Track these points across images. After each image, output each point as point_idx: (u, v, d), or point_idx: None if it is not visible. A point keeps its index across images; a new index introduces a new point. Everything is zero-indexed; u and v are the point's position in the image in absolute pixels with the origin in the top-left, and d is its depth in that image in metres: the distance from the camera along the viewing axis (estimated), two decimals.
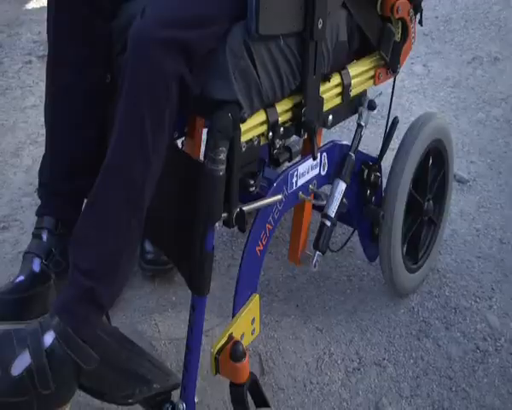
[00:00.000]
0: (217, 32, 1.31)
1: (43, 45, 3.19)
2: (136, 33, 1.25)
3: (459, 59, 3.10)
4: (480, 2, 3.59)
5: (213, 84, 1.32)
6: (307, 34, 1.40)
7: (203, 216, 1.32)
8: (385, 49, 1.65)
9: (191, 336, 1.38)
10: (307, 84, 1.44)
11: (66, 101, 1.53)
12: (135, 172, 1.27)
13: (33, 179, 2.37)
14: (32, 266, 1.46)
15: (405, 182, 1.77)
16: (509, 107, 2.76)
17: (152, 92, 1.25)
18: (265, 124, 1.40)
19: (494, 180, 2.40)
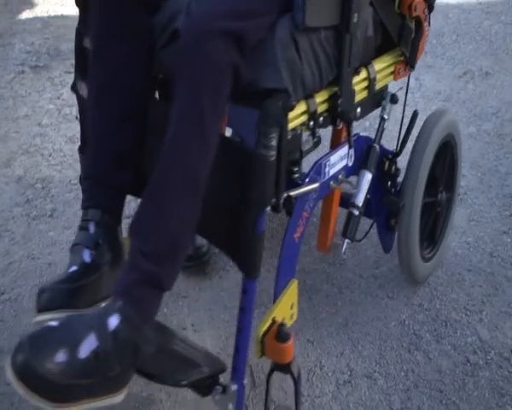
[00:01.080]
0: (266, 23, 1.37)
1: (36, 56, 3.21)
2: (193, 25, 1.30)
3: (451, 73, 3.12)
4: (471, 17, 3.61)
5: (263, 74, 1.37)
6: (344, 27, 1.46)
7: (255, 200, 1.37)
8: (405, 45, 1.72)
9: (243, 318, 1.43)
10: (343, 75, 1.51)
11: (111, 96, 1.54)
12: (195, 156, 1.33)
13: (25, 190, 2.37)
14: (82, 256, 1.48)
15: (423, 174, 1.86)
16: (499, 121, 2.78)
17: (211, 80, 1.30)
18: (306, 114, 1.47)
19: (485, 194, 2.41)
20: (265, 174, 1.36)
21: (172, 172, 1.34)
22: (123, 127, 1.55)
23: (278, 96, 1.36)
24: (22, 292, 1.98)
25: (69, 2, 3.76)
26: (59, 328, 1.27)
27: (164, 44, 1.49)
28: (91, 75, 1.57)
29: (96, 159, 1.56)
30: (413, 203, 1.85)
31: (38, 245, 2.15)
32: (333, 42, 1.47)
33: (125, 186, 1.57)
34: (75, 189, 2.38)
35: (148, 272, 1.32)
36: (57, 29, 3.48)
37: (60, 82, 3.02)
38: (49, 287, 1.42)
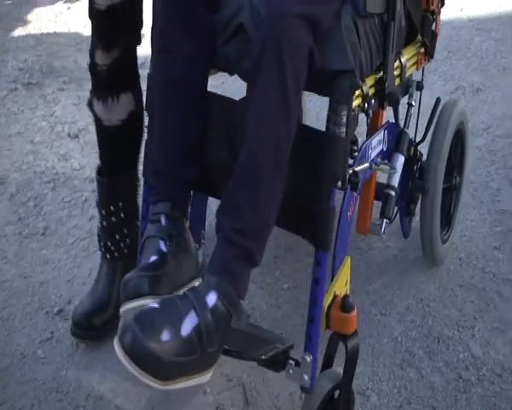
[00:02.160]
0: (335, 9, 1.49)
1: (29, 73, 3.21)
2: (276, 10, 1.41)
3: (442, 89, 3.13)
4: (462, 34, 3.63)
5: (332, 57, 1.48)
6: (390, 15, 1.61)
7: (328, 177, 1.48)
8: (426, 35, 1.85)
9: (316, 289, 1.50)
10: (388, 60, 1.64)
11: (176, 91, 1.60)
12: (281, 135, 1.42)
13: (17, 207, 2.38)
14: (159, 247, 1.54)
15: (444, 158, 2.00)
16: (490, 137, 2.79)
17: (293, 63, 1.39)
18: (360, 96, 1.57)
19: (476, 210, 2.41)
20: (338, 150, 1.47)
21: (263, 151, 1.42)
22: (190, 121, 1.62)
23: (346, 76, 1.48)
24: (14, 311, 1.98)
25: (62, 20, 3.77)
26: (161, 309, 1.34)
27: (227, 40, 1.59)
28: (158, 68, 1.62)
29: (164, 153, 1.63)
30: (436, 186, 1.99)
31: (31, 264, 2.15)
32: (380, 29, 1.60)
33: (192, 180, 1.64)
34: (68, 206, 2.38)
35: (243, 247, 1.40)
36: (50, 46, 3.49)
37: (53, 99, 3.02)
38: (134, 276, 1.49)
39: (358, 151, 1.61)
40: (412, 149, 1.93)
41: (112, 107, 1.90)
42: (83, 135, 2.78)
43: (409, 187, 1.97)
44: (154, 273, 1.49)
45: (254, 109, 1.43)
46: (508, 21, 3.74)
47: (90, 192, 2.45)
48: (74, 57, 3.38)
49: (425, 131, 1.99)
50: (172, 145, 1.61)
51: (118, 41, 1.82)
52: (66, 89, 3.11)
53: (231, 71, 1.65)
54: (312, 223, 1.51)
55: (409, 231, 2.08)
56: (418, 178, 1.99)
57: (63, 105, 2.98)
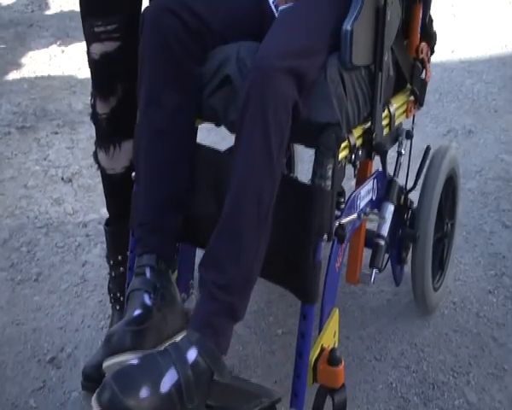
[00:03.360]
0: (320, 62, 1.50)
1: (23, 116, 3.22)
2: (260, 64, 1.41)
3: (435, 131, 3.15)
4: (453, 76, 3.66)
5: (318, 110, 1.49)
6: (377, 66, 1.61)
7: (314, 230, 1.47)
8: (416, 84, 1.85)
9: (302, 343, 1.50)
10: (376, 111, 1.64)
11: (163, 143, 1.61)
12: (264, 189, 1.43)
13: (10, 253, 2.37)
14: (143, 300, 1.54)
15: (434, 206, 1.99)
16: (483, 179, 2.80)
17: (277, 116, 1.40)
18: (347, 147, 1.57)
19: (470, 253, 2.42)
20: (323, 204, 1.48)
21: (245, 205, 1.42)
22: (176, 173, 1.63)
23: (331, 129, 1.49)
24: (6, 360, 1.96)
25: (56, 63, 3.80)
26: (141, 365, 1.34)
27: (213, 91, 1.60)
28: (144, 120, 1.63)
29: (150, 205, 1.63)
30: (427, 235, 1.97)
31: (23, 310, 2.13)
32: (367, 80, 1.60)
33: (178, 230, 1.65)
34: (61, 252, 2.38)
35: (225, 302, 1.41)
36: (44, 89, 3.50)
37: (46, 143, 3.03)
38: (118, 331, 1.48)
39: (346, 202, 1.62)
40: (402, 197, 1.93)
41: (114, 155, 1.92)
42: (76, 179, 2.78)
43: (399, 235, 1.97)
44: (137, 328, 1.48)
45: (238, 162, 1.43)
46: (498, 64, 3.78)
47: (83, 237, 2.45)
48: (68, 100, 3.40)
49: (415, 180, 1.98)
50: (158, 197, 1.62)
51: (115, 89, 1.84)
52: (59, 132, 3.11)
53: (218, 122, 1.66)
54: (298, 276, 1.50)
55: (401, 279, 2.08)
56: (409, 226, 1.98)
57: (57, 149, 2.99)
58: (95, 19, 1.79)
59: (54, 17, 4.35)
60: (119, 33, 1.79)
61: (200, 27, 1.59)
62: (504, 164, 2.90)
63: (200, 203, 1.65)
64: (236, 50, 1.57)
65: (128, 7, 1.79)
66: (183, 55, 1.58)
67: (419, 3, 1.85)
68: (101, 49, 1.80)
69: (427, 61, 1.90)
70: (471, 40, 4.08)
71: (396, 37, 1.71)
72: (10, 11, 4.40)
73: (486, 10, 4.49)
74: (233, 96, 1.55)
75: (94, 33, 1.80)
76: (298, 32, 1.49)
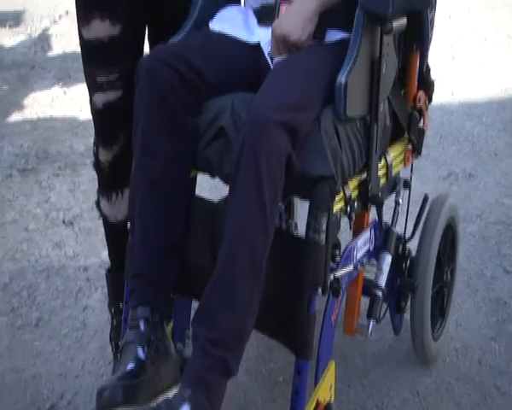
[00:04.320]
0: (314, 115, 1.49)
1: (24, 158, 3.23)
2: (254, 116, 1.42)
3: (435, 174, 3.16)
4: (453, 119, 3.68)
5: (312, 163, 1.48)
6: (372, 117, 1.60)
7: (309, 283, 1.46)
8: (413, 133, 1.85)
9: (296, 399, 1.49)
10: (372, 162, 1.63)
11: (157, 194, 1.62)
12: (258, 242, 1.42)
13: (10, 297, 2.36)
14: (137, 354, 1.52)
15: (433, 256, 1.97)
16: (483, 223, 2.80)
17: (270, 169, 1.40)
18: (343, 200, 1.57)
19: (471, 298, 2.41)
20: (318, 257, 1.46)
21: (239, 258, 1.42)
22: (171, 222, 1.63)
23: (326, 182, 1.48)
24: (5, 408, 1.94)
25: (58, 104, 3.82)
26: None
27: (208, 142, 1.60)
28: (139, 170, 1.63)
29: (145, 256, 1.63)
30: (425, 285, 1.96)
31: (23, 356, 2.12)
32: (363, 131, 1.60)
33: (172, 281, 1.64)
34: (61, 296, 2.37)
35: (218, 358, 1.40)
36: (46, 131, 3.52)
37: (48, 185, 3.03)
38: (109, 385, 1.46)
39: (343, 253, 1.61)
40: (401, 246, 1.92)
41: (117, 202, 1.93)
42: (77, 222, 2.78)
43: (398, 284, 1.96)
44: (130, 382, 1.46)
45: (231, 214, 1.44)
46: (498, 107, 3.80)
47: (83, 281, 2.44)
48: (70, 142, 3.41)
49: (413, 229, 1.97)
50: (153, 248, 1.62)
51: (117, 137, 1.85)
52: (61, 174, 3.12)
53: (213, 173, 1.67)
54: (292, 330, 1.49)
55: (400, 328, 2.05)
56: (407, 275, 1.97)
57: (58, 191, 2.99)
58: (97, 69, 1.81)
59: (56, 58, 4.39)
60: (121, 82, 1.81)
61: (195, 79, 1.61)
62: (505, 208, 2.90)
63: (195, 254, 1.65)
64: (231, 102, 1.58)
65: (129, 57, 1.81)
66: (178, 106, 1.59)
67: (416, 52, 1.85)
68: (103, 99, 1.82)
69: (425, 110, 1.90)
70: (471, 82, 4.11)
71: (393, 86, 1.71)
72: (13, 53, 4.43)
73: (486, 52, 4.53)
74: (228, 148, 1.55)
75: (96, 83, 1.82)
76: (292, 85, 1.49)
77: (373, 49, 1.59)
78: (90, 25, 1.79)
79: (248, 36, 1.74)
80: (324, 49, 1.64)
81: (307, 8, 1.60)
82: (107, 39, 1.80)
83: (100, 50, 1.81)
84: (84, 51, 1.85)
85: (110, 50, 1.81)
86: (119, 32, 1.80)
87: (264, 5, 1.74)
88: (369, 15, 1.54)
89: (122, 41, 1.81)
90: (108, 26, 1.79)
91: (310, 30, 1.61)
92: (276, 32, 1.60)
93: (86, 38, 1.82)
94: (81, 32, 1.83)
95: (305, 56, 1.59)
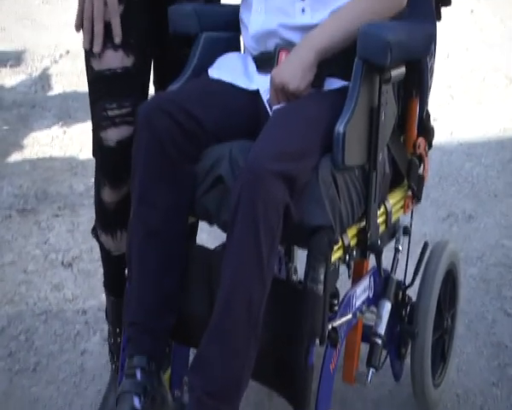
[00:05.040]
0: (312, 164, 1.49)
1: (24, 199, 3.23)
2: (252, 166, 1.41)
3: (435, 215, 3.16)
4: (453, 159, 3.69)
5: (310, 212, 1.48)
6: (371, 165, 1.60)
7: (306, 334, 1.45)
8: (413, 180, 1.84)
9: None
10: (371, 210, 1.63)
11: (155, 242, 1.61)
12: (255, 293, 1.41)
13: (8, 341, 2.34)
14: (133, 403, 1.51)
15: (433, 303, 1.96)
16: (484, 265, 2.80)
17: (267, 219, 1.40)
18: (341, 248, 1.56)
19: (472, 342, 2.39)
20: (316, 308, 1.45)
21: (235, 309, 1.41)
22: (169, 272, 1.62)
23: (324, 232, 1.47)
24: None
25: (57, 144, 3.83)
26: None
27: (206, 190, 1.60)
28: (137, 219, 1.62)
29: (141, 304, 1.61)
30: (426, 332, 1.94)
31: (21, 402, 2.10)
32: (361, 179, 1.59)
33: (169, 330, 1.63)
34: (59, 340, 2.36)
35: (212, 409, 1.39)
36: (45, 171, 3.52)
37: (47, 226, 3.03)
38: None
39: (342, 301, 1.60)
40: (400, 293, 1.91)
41: (122, 238, 1.89)
42: (76, 263, 2.77)
43: (398, 331, 1.94)
44: None
45: (228, 264, 1.43)
46: (496, 147, 3.82)
47: (82, 324, 2.43)
48: (69, 182, 3.41)
49: (413, 276, 1.96)
50: (150, 297, 1.61)
51: (127, 177, 1.76)
52: (60, 215, 3.12)
53: (210, 221, 1.66)
54: (289, 380, 1.48)
55: (400, 374, 2.02)
56: (407, 322, 1.95)
57: (57, 232, 2.99)
58: (109, 102, 1.78)
59: (56, 98, 4.41)
60: (133, 117, 1.75)
61: (194, 128, 1.61)
62: (505, 249, 2.90)
63: (192, 302, 1.64)
64: (229, 150, 1.57)
65: (140, 89, 1.80)
66: (177, 155, 1.59)
67: (415, 98, 1.86)
68: (117, 136, 1.78)
69: (425, 156, 1.90)
70: (470, 122, 4.13)
71: (392, 133, 1.72)
72: (14, 92, 4.45)
73: (484, 92, 4.56)
74: (225, 196, 1.55)
75: (108, 117, 1.78)
76: (290, 133, 1.49)
77: (372, 97, 1.60)
78: (103, 55, 1.77)
79: (247, 83, 1.75)
80: (323, 97, 1.64)
81: (306, 57, 1.61)
82: (120, 70, 1.77)
83: (113, 81, 1.78)
84: (95, 84, 1.81)
85: (123, 81, 1.78)
86: (132, 63, 1.78)
87: (264, 52, 1.75)
88: (368, 65, 1.55)
89: (135, 73, 1.80)
90: (122, 57, 1.77)
91: (309, 79, 1.61)
92: (275, 81, 1.61)
93: (97, 70, 1.78)
94: (91, 63, 1.80)
95: (303, 104, 1.59)
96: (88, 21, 1.75)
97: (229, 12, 1.88)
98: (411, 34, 1.67)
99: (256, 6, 1.75)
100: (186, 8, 1.79)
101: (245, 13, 1.80)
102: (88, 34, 1.76)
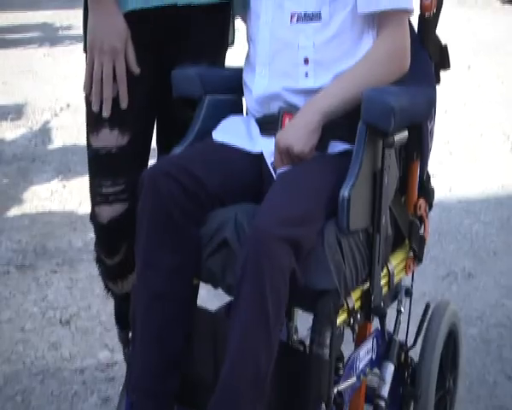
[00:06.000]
0: (318, 229, 1.49)
1: (22, 254, 3.22)
2: (258, 232, 1.42)
3: (434, 273, 3.15)
4: (452, 216, 3.70)
5: (315, 276, 1.48)
6: (375, 228, 1.61)
7: (312, 398, 1.45)
8: (415, 241, 1.84)
9: None
10: (375, 272, 1.63)
11: (160, 306, 1.60)
12: (261, 358, 1.41)
13: (4, 402, 2.31)
14: None
15: (435, 364, 1.94)
16: (484, 326, 2.78)
17: (274, 285, 1.40)
18: (346, 311, 1.56)
19: (473, 405, 2.37)
20: (322, 372, 1.46)
21: (242, 377, 1.41)
22: (173, 335, 1.61)
23: (329, 296, 1.48)
24: None
25: (57, 198, 3.83)
26: None
27: (211, 253, 1.60)
28: (142, 283, 1.62)
29: (146, 369, 1.60)
30: (428, 393, 1.92)
31: None
32: (365, 242, 1.60)
33: (173, 395, 1.62)
34: (56, 401, 2.32)
35: None
36: (44, 226, 3.52)
37: (45, 282, 3.01)
38: None
39: (345, 364, 1.59)
40: (403, 354, 1.90)
41: (125, 285, 1.95)
42: (74, 321, 2.75)
43: (400, 392, 1.92)
44: None
45: (235, 329, 1.43)
46: (495, 204, 3.82)
47: (79, 384, 2.40)
48: (68, 237, 3.41)
49: (415, 337, 1.95)
50: (155, 362, 1.60)
51: (120, 248, 1.86)
52: (58, 271, 3.10)
53: (215, 284, 1.66)
54: None
55: None
56: (410, 383, 1.94)
57: (56, 288, 2.97)
58: (104, 180, 1.82)
59: (56, 151, 4.42)
60: (127, 194, 1.81)
61: (199, 191, 1.61)
62: (505, 309, 2.88)
63: (197, 366, 1.63)
64: (234, 214, 1.58)
65: (136, 167, 1.82)
66: (181, 218, 1.59)
67: (416, 161, 1.88)
68: (109, 214, 1.83)
69: (426, 217, 1.91)
70: (468, 178, 4.15)
71: (394, 195, 1.73)
72: (14, 146, 4.46)
73: (482, 148, 4.59)
74: (231, 260, 1.56)
75: (102, 194, 1.82)
76: (295, 199, 1.50)
77: (375, 161, 1.62)
78: (100, 133, 1.81)
79: (251, 145, 1.76)
80: (327, 161, 1.66)
81: (311, 120, 1.63)
82: (115, 149, 1.82)
83: (108, 161, 1.82)
84: (92, 161, 1.87)
85: (118, 161, 1.82)
86: (127, 141, 1.82)
87: (267, 115, 1.76)
88: (372, 129, 1.56)
89: (130, 151, 1.83)
90: (117, 136, 1.81)
91: (313, 142, 1.63)
92: (280, 145, 1.62)
93: (95, 147, 1.84)
94: (90, 139, 1.84)
95: (307, 169, 1.60)
96: (97, 85, 1.77)
97: (232, 75, 1.90)
98: (414, 99, 1.69)
99: (260, 69, 1.76)
100: (189, 72, 1.80)
101: (248, 75, 1.82)
102: (97, 97, 1.78)
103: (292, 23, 1.71)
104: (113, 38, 1.74)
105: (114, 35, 1.74)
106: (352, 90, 1.64)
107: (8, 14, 7.95)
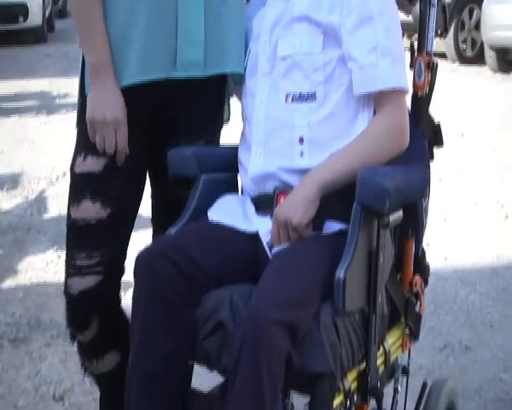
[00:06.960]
0: (313, 311, 1.49)
1: (16, 327, 3.19)
2: (253, 315, 1.42)
3: (431, 345, 3.12)
4: (448, 286, 3.68)
5: (311, 359, 1.48)
6: (371, 308, 1.61)
7: None
8: (411, 318, 1.84)
9: None
10: (371, 353, 1.62)
11: (154, 392, 1.59)
12: None
13: None
14: None
15: None
16: (482, 401, 2.74)
17: (270, 368, 1.40)
18: (342, 393, 1.55)
19: None
20: None
21: None
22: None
23: (325, 379, 1.48)
24: None
25: (52, 269, 3.81)
26: None
27: (207, 335, 1.59)
28: (136, 367, 1.61)
29: None
30: None
31: None
32: (361, 322, 1.60)
33: None
34: None
35: None
36: (39, 297, 3.49)
37: (39, 356, 2.98)
38: None
39: None
40: None
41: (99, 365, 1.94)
42: (68, 396, 2.70)
43: None
44: None
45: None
46: (491, 274, 3.81)
47: None
48: (62, 309, 3.34)
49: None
50: None
51: (91, 322, 1.85)
52: (52, 344, 3.07)
53: (211, 365, 1.65)
54: None
55: None
56: None
57: (49, 362, 2.93)
58: (78, 251, 1.81)
59: (52, 221, 4.41)
60: (102, 267, 1.80)
61: (194, 272, 1.62)
62: (503, 384, 2.85)
63: None
64: (230, 295, 1.59)
65: (114, 239, 1.82)
66: (177, 300, 1.59)
67: (411, 238, 1.88)
68: (80, 286, 1.82)
69: (422, 293, 1.91)
70: (463, 247, 4.14)
71: (389, 273, 1.73)
72: (10, 216, 4.46)
73: (477, 216, 4.59)
74: (226, 342, 1.55)
75: (75, 266, 1.81)
76: (291, 282, 1.51)
77: (370, 241, 1.62)
78: (80, 204, 1.81)
79: (247, 225, 1.77)
80: (322, 241, 1.66)
81: (308, 192, 1.64)
82: (94, 221, 1.80)
83: (85, 232, 1.81)
84: (69, 232, 1.86)
85: (96, 232, 1.81)
86: (108, 214, 1.81)
87: (262, 194, 1.77)
88: (367, 210, 1.57)
89: (110, 224, 1.82)
90: (99, 209, 1.80)
91: (311, 213, 1.64)
92: (279, 217, 1.64)
93: (73, 218, 1.83)
94: (69, 210, 1.84)
95: (303, 250, 1.61)
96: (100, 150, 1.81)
97: (228, 153, 1.92)
98: (409, 180, 1.71)
99: (255, 148, 1.78)
100: (185, 152, 1.82)
101: (243, 154, 1.83)
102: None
103: (287, 102, 1.73)
104: (114, 109, 1.75)
105: (115, 106, 1.76)
106: (350, 165, 1.66)
107: (4, 83, 8.03)
